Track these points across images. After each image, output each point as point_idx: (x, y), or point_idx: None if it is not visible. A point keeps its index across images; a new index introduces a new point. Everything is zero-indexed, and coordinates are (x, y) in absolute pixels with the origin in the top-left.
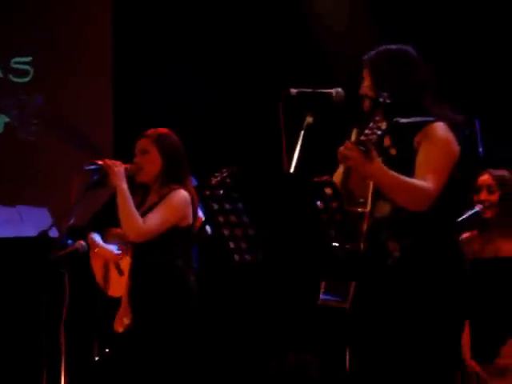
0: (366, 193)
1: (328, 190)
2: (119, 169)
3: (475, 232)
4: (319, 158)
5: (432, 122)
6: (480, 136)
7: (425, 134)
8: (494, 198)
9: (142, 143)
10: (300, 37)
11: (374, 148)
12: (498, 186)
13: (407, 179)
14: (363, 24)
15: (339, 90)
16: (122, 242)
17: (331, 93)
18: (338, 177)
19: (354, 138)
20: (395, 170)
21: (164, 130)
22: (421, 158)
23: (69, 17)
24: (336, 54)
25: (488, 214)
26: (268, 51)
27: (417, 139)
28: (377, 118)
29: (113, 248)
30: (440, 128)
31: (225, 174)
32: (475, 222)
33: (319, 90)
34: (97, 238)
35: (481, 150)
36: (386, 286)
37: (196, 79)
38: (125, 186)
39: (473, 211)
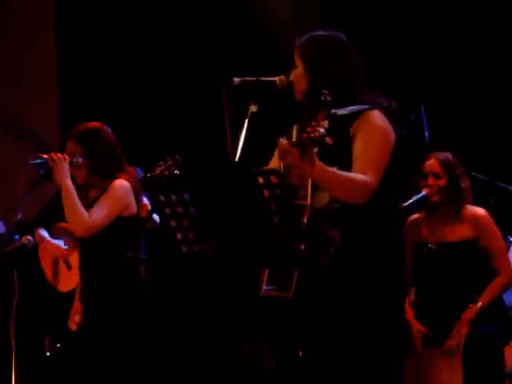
0: (306, 186)
1: (273, 179)
2: (63, 165)
3: (423, 214)
4: (264, 146)
5: (367, 109)
6: (426, 121)
7: (361, 123)
8: (442, 182)
9: (68, 147)
10: (245, 26)
11: (313, 146)
12: (444, 171)
13: (347, 175)
14: (308, 14)
15: (283, 77)
16: (70, 236)
17: (275, 81)
18: (273, 164)
19: (294, 134)
20: (331, 160)
21: (89, 127)
22: (358, 149)
23: (11, 13)
24: (281, 43)
25: (435, 198)
26: (213, 41)
27: (352, 128)
28: (319, 117)
29: (60, 243)
30: (376, 116)
31: (169, 163)
32: (422, 206)
33: (263, 79)
34: (44, 233)
35: (427, 134)
36: (329, 274)
37: (141, 70)
38: (68, 181)
39: (420, 195)
